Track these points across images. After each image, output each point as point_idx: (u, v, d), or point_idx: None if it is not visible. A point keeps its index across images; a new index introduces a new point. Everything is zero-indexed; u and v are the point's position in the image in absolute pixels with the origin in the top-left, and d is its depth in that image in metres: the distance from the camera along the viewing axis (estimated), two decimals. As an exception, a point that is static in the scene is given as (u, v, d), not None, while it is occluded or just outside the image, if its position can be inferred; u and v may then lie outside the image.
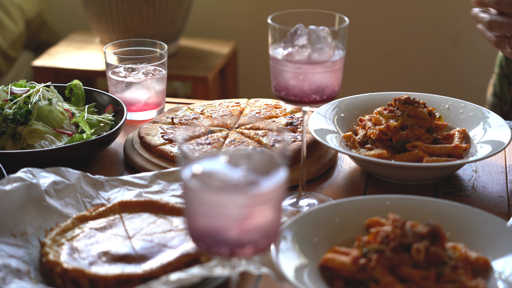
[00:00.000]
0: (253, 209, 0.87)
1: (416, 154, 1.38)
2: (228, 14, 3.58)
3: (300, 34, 1.18)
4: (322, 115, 1.49)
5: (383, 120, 1.43)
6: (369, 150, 1.41)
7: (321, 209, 1.16)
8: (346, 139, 1.44)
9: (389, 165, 1.35)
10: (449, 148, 1.40)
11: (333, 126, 1.47)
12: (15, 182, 1.21)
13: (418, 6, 3.39)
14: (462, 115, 1.51)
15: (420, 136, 1.41)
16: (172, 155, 1.43)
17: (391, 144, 1.41)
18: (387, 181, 1.40)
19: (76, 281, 1.07)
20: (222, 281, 1.09)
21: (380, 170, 1.39)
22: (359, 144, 1.44)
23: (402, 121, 1.41)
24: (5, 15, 3.26)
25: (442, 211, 1.16)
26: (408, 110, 1.42)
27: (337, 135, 1.45)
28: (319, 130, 1.43)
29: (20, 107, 1.46)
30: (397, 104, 1.44)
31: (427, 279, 1.01)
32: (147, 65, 1.67)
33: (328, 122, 1.48)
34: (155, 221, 1.20)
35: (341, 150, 1.36)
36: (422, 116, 1.42)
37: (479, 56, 3.37)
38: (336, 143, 1.41)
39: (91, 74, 3.10)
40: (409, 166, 1.33)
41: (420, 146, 1.39)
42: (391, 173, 1.38)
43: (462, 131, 1.46)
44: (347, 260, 1.05)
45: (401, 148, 1.40)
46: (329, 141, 1.40)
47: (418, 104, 1.44)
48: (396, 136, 1.41)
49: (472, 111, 1.50)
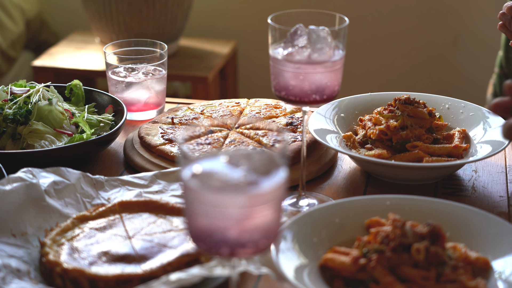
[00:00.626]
0: (253, 209, 0.87)
1: (416, 154, 1.38)
2: (228, 14, 3.58)
3: (300, 34, 1.18)
4: (322, 115, 1.49)
5: (383, 120, 1.43)
6: (369, 150, 1.41)
7: (321, 209, 1.16)
8: (346, 139, 1.44)
9: (389, 165, 1.35)
10: (449, 148, 1.40)
11: (333, 126, 1.47)
12: (15, 182, 1.21)
13: (418, 6, 3.39)
14: (462, 115, 1.51)
15: (420, 136, 1.41)
16: (172, 155, 1.43)
17: (391, 144, 1.41)
18: (387, 181, 1.40)
19: (76, 281, 1.07)
20: (222, 281, 1.09)
21: (380, 170, 1.39)
22: (359, 144, 1.44)
23: (402, 121, 1.41)
24: (5, 15, 3.26)
25: (442, 211, 1.16)
26: (408, 110, 1.42)
27: (337, 135, 1.45)
28: (319, 130, 1.43)
29: (20, 107, 1.46)
30: (397, 104, 1.44)
31: (427, 279, 1.01)
32: (147, 65, 1.67)
33: (328, 122, 1.48)
34: (155, 221, 1.20)
35: (341, 150, 1.36)
36: (422, 116, 1.42)
37: (479, 56, 3.37)
38: (336, 143, 1.41)
39: (91, 74, 3.10)
40: (409, 166, 1.33)
41: (420, 146, 1.39)
42: (391, 173, 1.38)
43: (462, 131, 1.46)
44: (347, 260, 1.05)
45: (401, 148, 1.40)
46: (329, 141, 1.40)
47: (418, 104, 1.44)
48: (396, 136, 1.41)
49: (472, 111, 1.50)
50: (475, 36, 3.36)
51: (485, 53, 3.34)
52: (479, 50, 3.38)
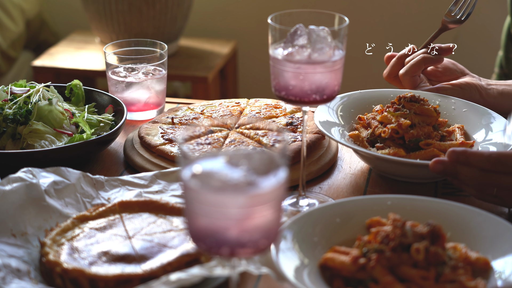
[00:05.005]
0: (253, 209, 0.87)
1: (431, 152, 1.38)
2: (228, 14, 3.58)
3: (300, 34, 1.18)
4: (325, 112, 1.48)
5: (393, 118, 1.42)
6: (380, 149, 1.40)
7: (321, 209, 1.16)
8: (354, 139, 1.43)
9: (411, 164, 1.33)
10: (457, 144, 1.40)
11: (337, 119, 1.47)
12: (15, 182, 1.21)
13: (418, 6, 3.39)
14: (454, 111, 1.51)
15: (429, 134, 1.41)
16: (172, 155, 1.43)
17: (403, 143, 1.41)
18: (400, 180, 1.39)
19: (76, 281, 1.07)
20: (222, 281, 1.09)
21: (395, 169, 1.38)
22: (367, 143, 1.43)
23: (410, 119, 1.41)
24: (5, 15, 3.26)
25: (443, 211, 1.16)
26: (414, 108, 1.42)
27: (342, 128, 1.45)
28: (324, 122, 1.42)
29: (20, 107, 1.46)
30: (402, 102, 1.43)
31: (426, 279, 1.01)
32: (147, 65, 1.67)
33: (333, 117, 1.47)
34: (155, 221, 1.20)
35: (364, 150, 1.35)
36: (429, 113, 1.42)
37: (479, 56, 3.37)
38: (344, 141, 1.40)
39: (91, 74, 3.10)
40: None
41: (434, 143, 1.39)
42: (407, 171, 1.37)
43: (461, 127, 1.46)
44: (347, 260, 1.05)
45: (414, 146, 1.40)
46: (345, 141, 1.39)
47: (424, 102, 1.43)
48: (408, 135, 1.40)
49: (464, 107, 1.51)
50: (475, 36, 3.36)
51: (485, 53, 3.34)
52: (479, 50, 3.38)
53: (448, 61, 1.64)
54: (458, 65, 1.66)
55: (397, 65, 1.62)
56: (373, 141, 1.44)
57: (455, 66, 1.64)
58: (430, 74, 1.63)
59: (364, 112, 1.51)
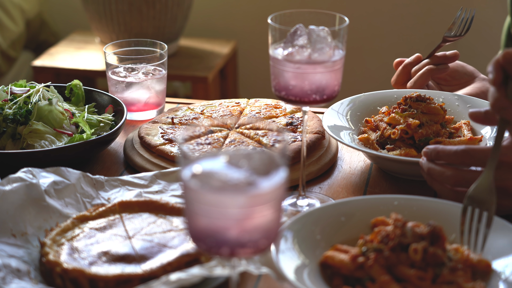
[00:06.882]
0: (253, 209, 0.87)
1: None
2: (228, 14, 3.58)
3: (300, 34, 1.18)
4: (336, 114, 1.48)
5: (401, 119, 1.43)
6: (391, 151, 1.40)
7: (321, 209, 1.16)
8: (364, 142, 1.43)
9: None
10: (465, 141, 1.40)
11: (346, 123, 1.47)
12: (15, 182, 1.21)
13: (417, 6, 3.39)
14: (459, 107, 1.52)
15: (438, 132, 1.41)
16: (172, 155, 1.43)
17: (413, 143, 1.41)
18: (415, 180, 1.39)
19: (76, 281, 1.07)
20: (222, 281, 1.09)
21: (409, 169, 1.38)
22: (377, 145, 1.44)
23: (418, 119, 1.41)
24: (5, 15, 3.26)
25: (447, 212, 1.15)
26: (421, 107, 1.42)
27: (351, 131, 1.45)
28: (332, 126, 1.42)
29: (20, 107, 1.46)
30: (408, 102, 1.44)
31: (423, 280, 1.01)
32: (147, 65, 1.67)
33: (342, 120, 1.47)
34: (155, 221, 1.20)
35: (376, 153, 1.35)
36: (437, 112, 1.43)
37: (479, 56, 3.37)
38: (354, 145, 1.40)
39: (91, 74, 3.10)
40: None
41: (444, 141, 1.39)
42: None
43: (467, 123, 1.46)
44: (346, 258, 1.05)
45: (424, 146, 1.40)
46: (356, 145, 1.39)
47: (430, 101, 1.44)
48: (417, 134, 1.40)
49: (469, 103, 1.51)
50: (475, 36, 3.36)
51: (485, 53, 3.34)
52: (479, 50, 3.38)
53: (457, 63, 1.65)
54: (467, 67, 1.66)
55: (403, 74, 1.66)
56: (383, 143, 1.44)
57: (464, 69, 1.65)
58: (440, 78, 1.65)
59: (370, 115, 1.51)
